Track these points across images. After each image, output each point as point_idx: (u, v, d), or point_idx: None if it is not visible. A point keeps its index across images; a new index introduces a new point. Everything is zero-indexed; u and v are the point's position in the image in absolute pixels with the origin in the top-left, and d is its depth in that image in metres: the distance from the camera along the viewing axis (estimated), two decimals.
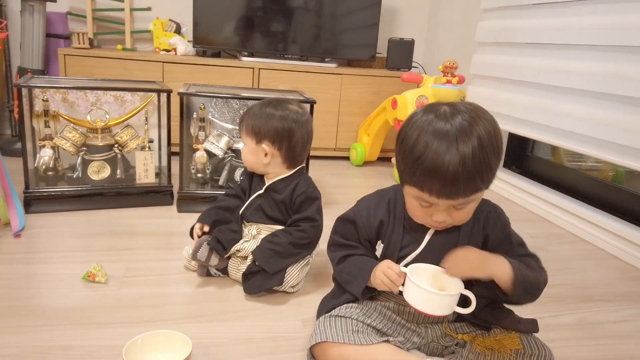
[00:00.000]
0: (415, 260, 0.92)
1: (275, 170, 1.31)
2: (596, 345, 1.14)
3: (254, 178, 1.35)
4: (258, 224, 1.31)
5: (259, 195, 1.31)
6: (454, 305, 0.86)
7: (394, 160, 0.90)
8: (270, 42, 2.70)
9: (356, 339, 0.88)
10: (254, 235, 1.28)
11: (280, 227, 1.28)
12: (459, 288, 0.85)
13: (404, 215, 0.94)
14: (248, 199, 1.33)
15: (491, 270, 0.84)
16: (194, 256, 1.21)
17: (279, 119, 1.27)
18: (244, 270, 1.22)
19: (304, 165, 1.35)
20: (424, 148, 0.79)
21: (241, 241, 1.26)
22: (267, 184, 1.31)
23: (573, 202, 1.97)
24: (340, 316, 0.94)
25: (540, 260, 0.92)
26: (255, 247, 1.23)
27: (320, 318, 0.96)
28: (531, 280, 0.86)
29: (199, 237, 1.26)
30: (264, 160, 1.28)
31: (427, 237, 0.92)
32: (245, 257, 1.24)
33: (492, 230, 0.93)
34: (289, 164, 1.30)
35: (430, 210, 0.85)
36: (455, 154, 0.77)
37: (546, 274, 0.90)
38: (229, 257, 1.26)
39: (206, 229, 1.27)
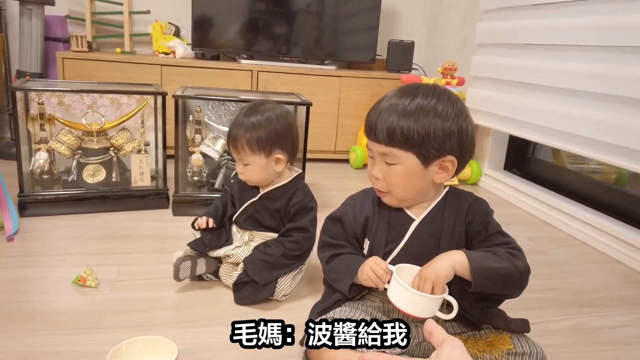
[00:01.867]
0: (401, 253, 0.93)
1: (283, 174, 1.27)
2: (594, 351, 1.12)
3: (245, 184, 1.30)
4: (251, 231, 1.28)
5: (253, 202, 1.27)
6: (436, 309, 0.84)
7: None
8: (269, 44, 2.69)
9: None
10: (246, 242, 1.26)
11: (273, 235, 1.26)
12: (442, 292, 0.84)
13: (388, 210, 0.96)
14: (240, 206, 1.29)
15: (450, 263, 0.83)
16: (176, 278, 1.18)
17: (274, 120, 1.21)
18: (235, 277, 1.20)
19: (301, 172, 1.32)
20: (378, 101, 0.92)
21: (232, 246, 1.25)
22: (262, 192, 1.26)
23: (574, 205, 1.95)
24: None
25: (518, 250, 0.89)
26: (246, 254, 1.21)
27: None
28: (497, 270, 0.83)
29: (200, 228, 1.25)
30: (277, 168, 1.23)
31: (411, 230, 0.93)
32: (237, 264, 1.22)
33: (472, 220, 0.93)
34: (292, 160, 1.28)
35: (372, 162, 0.93)
36: (391, 100, 0.87)
37: (523, 264, 0.86)
38: (220, 262, 1.25)
39: (212, 224, 1.26)
